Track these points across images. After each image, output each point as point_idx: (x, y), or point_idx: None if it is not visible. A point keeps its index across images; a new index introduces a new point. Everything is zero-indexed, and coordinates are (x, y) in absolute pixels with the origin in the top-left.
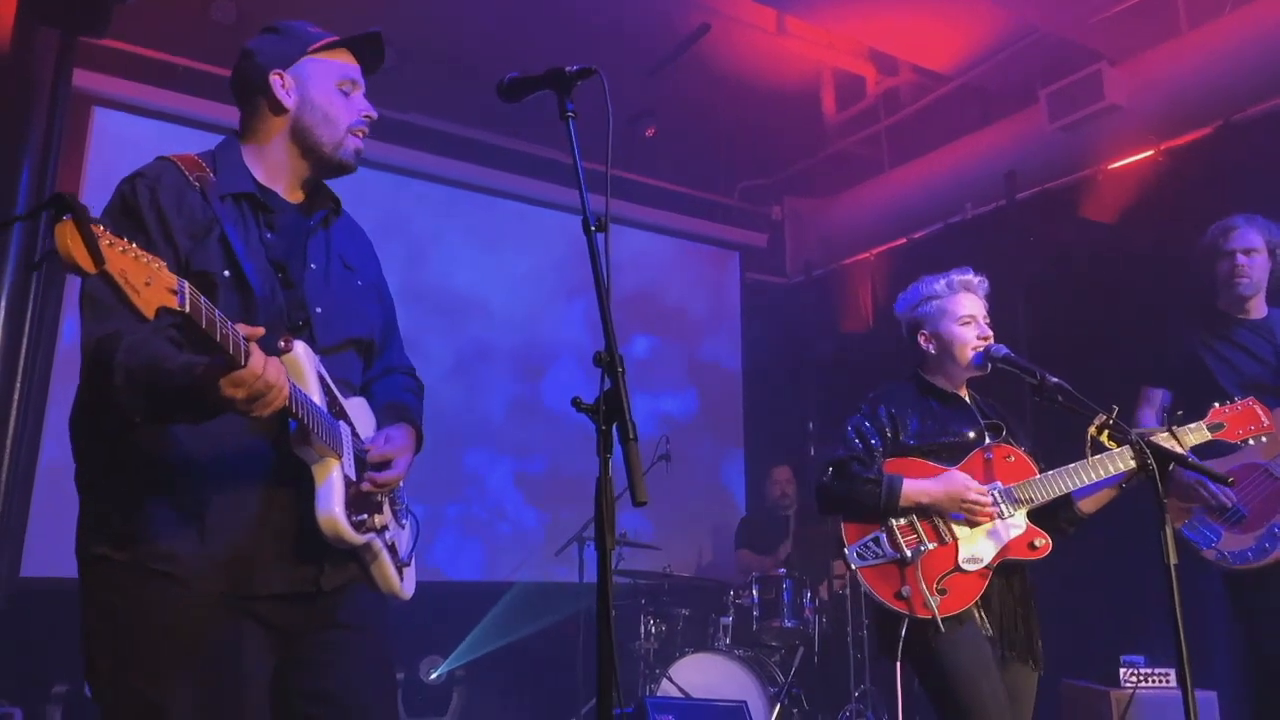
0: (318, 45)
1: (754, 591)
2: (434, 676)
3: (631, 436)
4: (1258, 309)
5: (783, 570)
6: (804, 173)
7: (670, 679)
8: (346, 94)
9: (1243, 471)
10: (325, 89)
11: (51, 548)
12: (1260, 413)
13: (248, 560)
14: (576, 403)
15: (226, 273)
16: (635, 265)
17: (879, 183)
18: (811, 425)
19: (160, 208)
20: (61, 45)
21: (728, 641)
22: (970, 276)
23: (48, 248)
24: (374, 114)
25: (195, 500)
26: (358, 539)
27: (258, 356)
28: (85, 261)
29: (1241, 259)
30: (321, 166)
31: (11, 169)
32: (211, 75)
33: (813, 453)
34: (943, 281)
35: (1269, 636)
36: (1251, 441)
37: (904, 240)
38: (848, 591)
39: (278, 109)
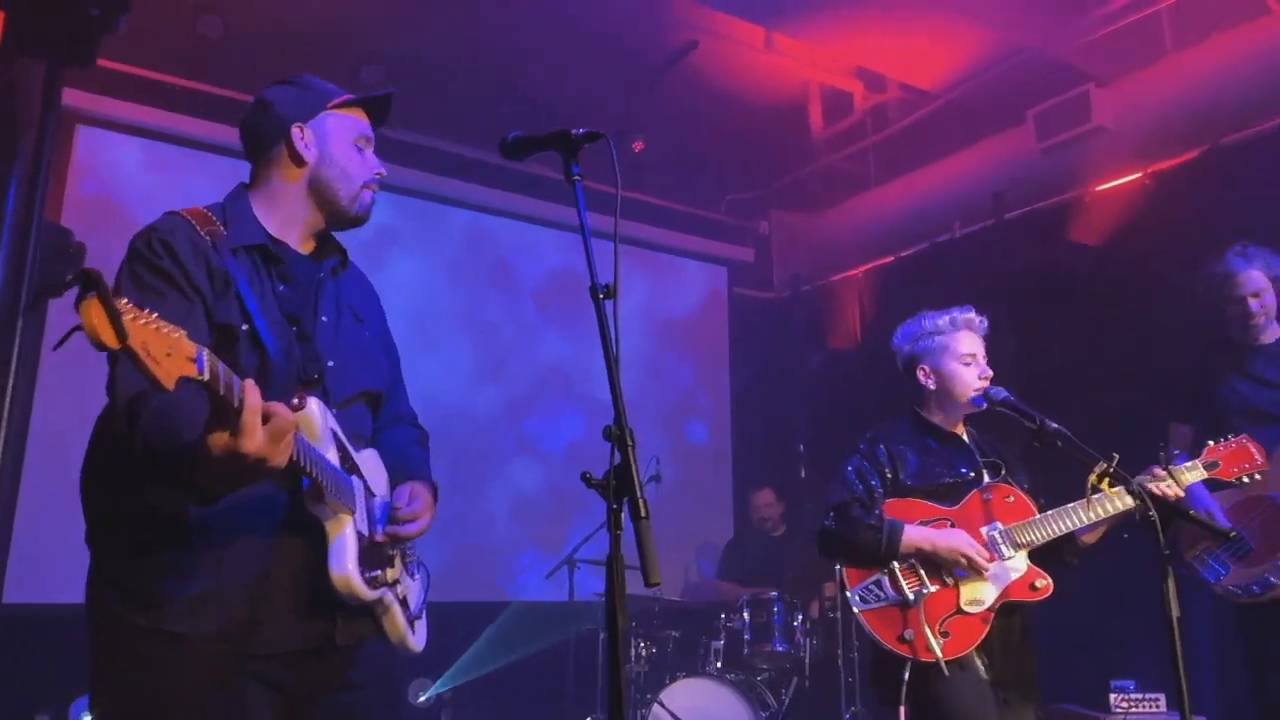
0: (338, 101)
1: (745, 615)
2: (422, 699)
3: (644, 514)
4: (1270, 333)
5: (775, 593)
6: (791, 187)
7: (661, 704)
8: (361, 150)
9: (1250, 504)
10: (344, 145)
11: (33, 574)
12: (1254, 450)
13: (260, 618)
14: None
15: (245, 327)
16: (622, 279)
17: (866, 199)
18: (802, 448)
19: (181, 261)
20: (48, 76)
21: (719, 665)
22: (972, 315)
23: (36, 288)
24: (384, 171)
25: (207, 558)
26: (370, 595)
27: (253, 392)
28: (109, 338)
29: (1253, 304)
30: (336, 219)
31: None
32: (198, 92)
33: (803, 474)
34: (946, 318)
35: (1266, 687)
36: (1246, 479)
37: (891, 258)
38: (839, 615)
39: (298, 161)
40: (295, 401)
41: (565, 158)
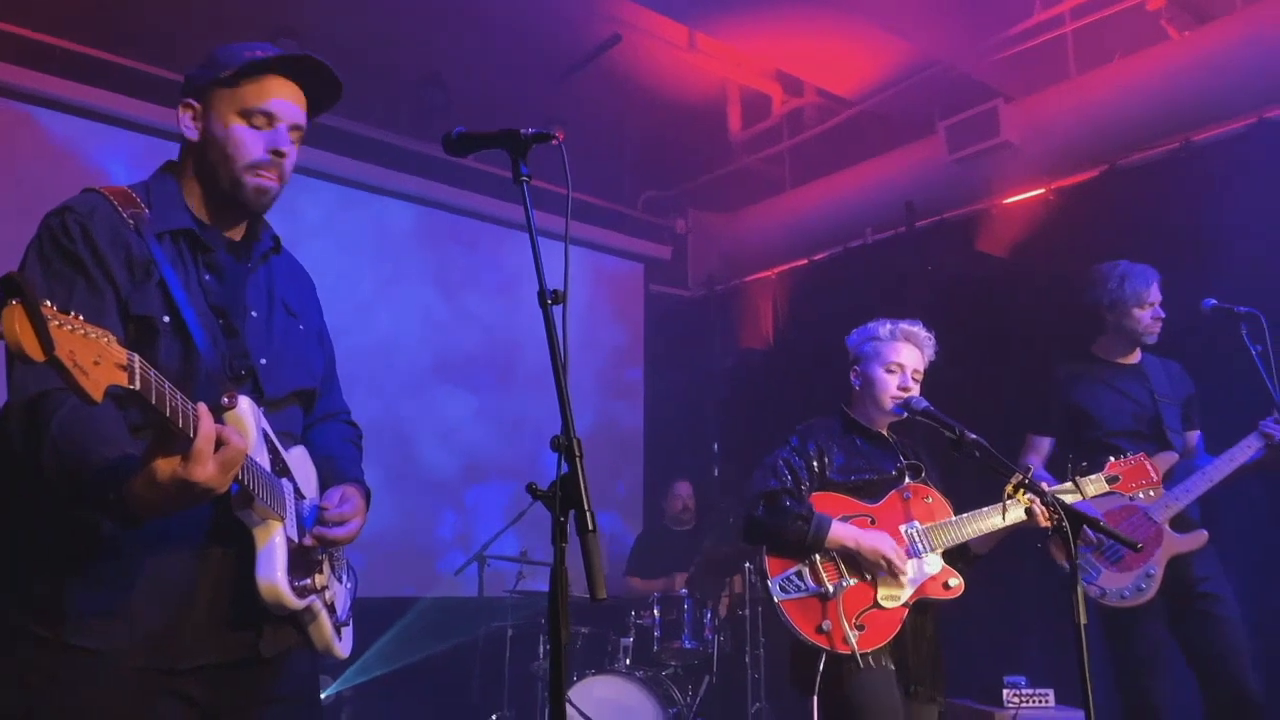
0: (228, 73)
1: (655, 612)
2: (322, 697)
3: (590, 528)
4: (1135, 354)
5: (684, 591)
6: (708, 187)
7: (570, 701)
8: (258, 128)
9: (1123, 513)
10: (222, 122)
11: None
12: (1150, 469)
13: (180, 629)
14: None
15: (166, 318)
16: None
17: (781, 201)
18: (716, 446)
19: (95, 246)
20: None
21: (628, 662)
22: (917, 330)
23: None
24: (282, 149)
25: (125, 566)
26: (298, 604)
27: (207, 418)
28: (34, 350)
29: (1161, 311)
30: (225, 205)
31: None
32: (89, 58)
33: (717, 473)
34: (888, 327)
35: (1132, 688)
36: (1142, 496)
37: (805, 261)
38: (747, 612)
39: (185, 141)
40: (225, 400)
41: (513, 157)
